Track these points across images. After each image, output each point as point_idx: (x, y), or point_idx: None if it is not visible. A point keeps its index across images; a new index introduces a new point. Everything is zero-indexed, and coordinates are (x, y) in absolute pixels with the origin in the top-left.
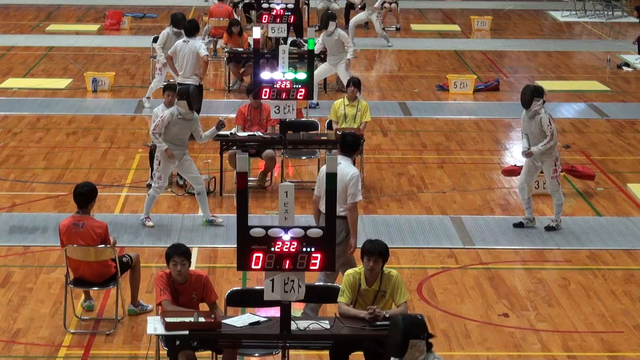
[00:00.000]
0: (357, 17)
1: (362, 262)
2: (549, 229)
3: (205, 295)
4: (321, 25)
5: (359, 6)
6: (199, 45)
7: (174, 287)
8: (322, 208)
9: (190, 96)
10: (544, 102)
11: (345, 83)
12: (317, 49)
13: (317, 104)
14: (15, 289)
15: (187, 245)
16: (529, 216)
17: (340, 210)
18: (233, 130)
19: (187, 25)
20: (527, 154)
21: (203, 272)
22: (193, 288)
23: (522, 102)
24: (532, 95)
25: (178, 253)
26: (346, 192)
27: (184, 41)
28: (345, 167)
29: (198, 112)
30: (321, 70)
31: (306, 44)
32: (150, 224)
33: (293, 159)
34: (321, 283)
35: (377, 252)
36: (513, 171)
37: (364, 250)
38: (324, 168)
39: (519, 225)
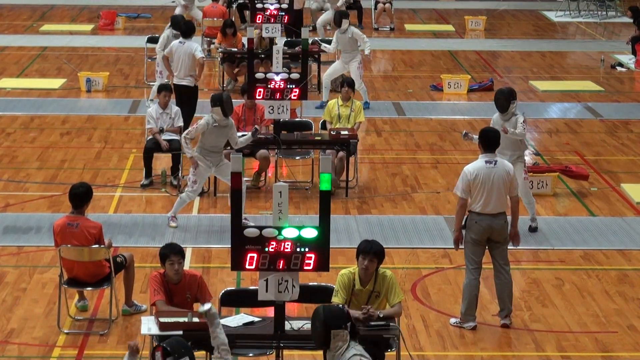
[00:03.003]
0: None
1: (356, 261)
2: (532, 229)
3: (200, 295)
4: (335, 24)
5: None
6: (195, 47)
7: (168, 287)
8: (478, 208)
9: (223, 103)
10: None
11: (357, 82)
12: (332, 47)
13: (322, 105)
14: (9, 289)
15: (182, 246)
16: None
17: (504, 206)
18: None
19: (183, 26)
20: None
21: (197, 272)
22: (187, 288)
23: (499, 106)
24: (508, 98)
25: (174, 252)
26: (510, 186)
27: (180, 42)
28: (503, 162)
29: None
30: (335, 69)
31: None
32: (174, 224)
33: (287, 159)
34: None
35: (372, 251)
36: None
37: (360, 250)
38: (471, 168)
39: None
